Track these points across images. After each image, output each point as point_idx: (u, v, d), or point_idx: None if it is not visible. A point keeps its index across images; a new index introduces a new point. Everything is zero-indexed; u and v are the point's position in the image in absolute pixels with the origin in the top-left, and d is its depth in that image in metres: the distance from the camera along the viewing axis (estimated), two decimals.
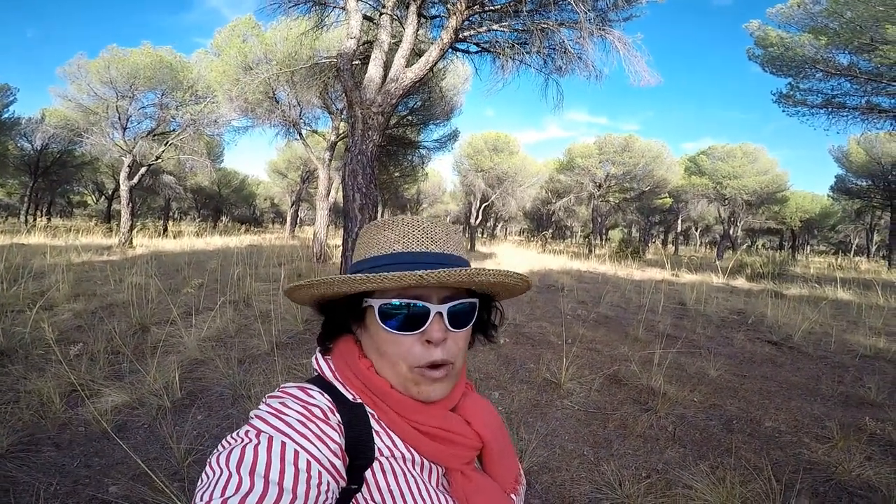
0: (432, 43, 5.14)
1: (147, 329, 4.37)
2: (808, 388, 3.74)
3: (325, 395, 0.58)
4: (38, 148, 20.45)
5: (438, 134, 14.55)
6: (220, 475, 0.45)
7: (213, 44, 11.53)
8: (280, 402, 0.55)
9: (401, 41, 5.00)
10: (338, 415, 0.57)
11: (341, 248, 5.45)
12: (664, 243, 40.47)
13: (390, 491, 0.55)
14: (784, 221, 29.36)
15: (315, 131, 14.15)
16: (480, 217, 22.48)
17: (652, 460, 2.42)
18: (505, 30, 4.99)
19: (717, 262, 15.92)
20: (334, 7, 5.83)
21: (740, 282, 12.26)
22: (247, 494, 0.43)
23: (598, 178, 21.48)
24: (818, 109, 10.99)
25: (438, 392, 0.60)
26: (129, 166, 13.43)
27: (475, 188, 21.38)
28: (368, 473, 0.56)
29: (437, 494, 0.58)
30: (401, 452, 0.59)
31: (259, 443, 0.49)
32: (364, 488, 0.55)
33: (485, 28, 5.05)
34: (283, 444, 0.49)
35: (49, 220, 24.37)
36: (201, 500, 0.43)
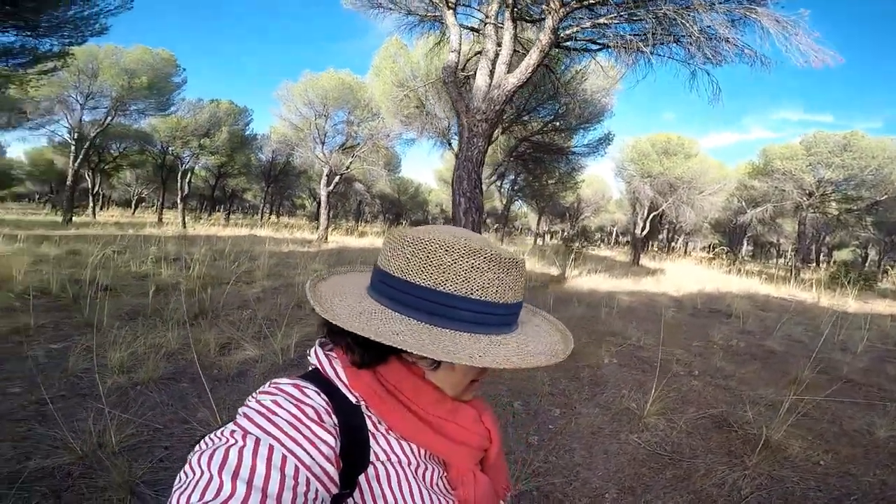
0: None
1: (301, 305, 5.50)
2: None
3: (322, 395, 0.54)
4: (269, 160, 26.18)
5: (588, 139, 13.89)
6: (200, 477, 0.43)
7: (374, 65, 13.01)
8: (272, 400, 0.52)
9: None
10: (334, 417, 0.53)
11: None
12: None
13: (384, 496, 0.54)
14: None
15: None
16: (648, 228, 20.22)
17: None
18: (612, 22, 4.55)
19: None
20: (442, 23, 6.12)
21: None
22: (227, 499, 0.40)
23: (807, 184, 17.03)
24: None
25: (475, 391, 0.64)
26: (327, 175, 16.55)
27: (641, 195, 19.41)
28: (362, 478, 0.54)
29: (432, 497, 0.57)
30: (397, 456, 0.57)
31: (245, 445, 0.45)
32: (357, 493, 0.53)
33: (589, 24, 4.72)
34: (271, 447, 0.46)
35: (277, 218, 31.60)
36: (177, 502, 0.41)
